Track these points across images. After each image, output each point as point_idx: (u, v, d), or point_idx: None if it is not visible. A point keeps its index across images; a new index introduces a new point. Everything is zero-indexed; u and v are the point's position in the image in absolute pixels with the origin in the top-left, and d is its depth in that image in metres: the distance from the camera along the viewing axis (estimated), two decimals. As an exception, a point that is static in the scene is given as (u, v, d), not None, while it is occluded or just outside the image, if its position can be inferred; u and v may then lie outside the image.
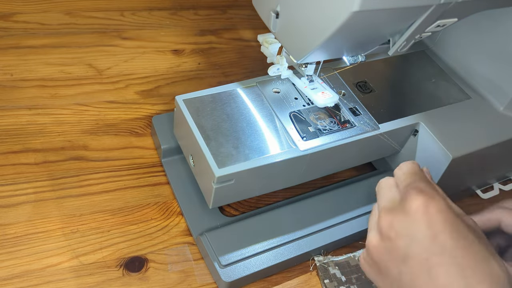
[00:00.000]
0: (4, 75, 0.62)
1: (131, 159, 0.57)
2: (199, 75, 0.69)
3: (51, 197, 0.52)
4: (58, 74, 0.64)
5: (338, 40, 0.43)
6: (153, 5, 0.77)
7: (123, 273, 0.48)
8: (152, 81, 0.66)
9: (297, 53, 0.47)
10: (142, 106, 0.63)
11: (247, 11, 0.80)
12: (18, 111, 0.59)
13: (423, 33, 0.47)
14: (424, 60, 0.65)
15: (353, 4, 0.37)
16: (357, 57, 0.50)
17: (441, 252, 0.37)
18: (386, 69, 0.62)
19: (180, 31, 0.74)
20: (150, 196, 0.55)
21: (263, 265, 0.49)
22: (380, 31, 0.45)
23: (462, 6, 0.44)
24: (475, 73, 0.62)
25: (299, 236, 0.51)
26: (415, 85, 0.61)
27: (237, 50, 0.73)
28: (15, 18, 0.70)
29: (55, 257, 0.48)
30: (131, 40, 0.71)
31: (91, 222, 0.51)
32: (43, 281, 0.46)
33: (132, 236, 0.51)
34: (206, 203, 0.50)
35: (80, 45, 0.68)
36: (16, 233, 0.49)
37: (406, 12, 0.41)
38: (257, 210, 0.55)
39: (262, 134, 0.49)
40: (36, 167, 0.54)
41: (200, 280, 0.49)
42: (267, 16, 0.47)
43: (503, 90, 0.59)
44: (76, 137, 0.58)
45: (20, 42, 0.67)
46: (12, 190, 0.52)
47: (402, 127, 0.54)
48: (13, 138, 0.56)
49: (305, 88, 0.53)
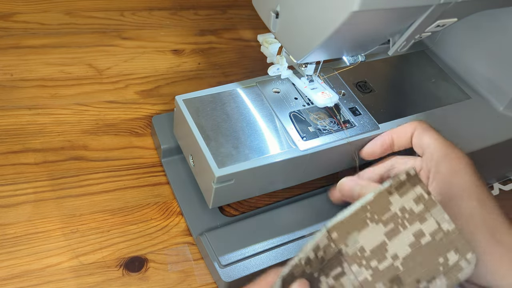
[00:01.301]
0: (4, 75, 0.62)
1: (131, 159, 0.57)
2: (199, 75, 0.69)
3: (51, 197, 0.52)
4: (58, 74, 0.64)
5: (338, 40, 0.43)
6: (153, 5, 0.77)
7: (123, 273, 0.48)
8: (152, 81, 0.66)
9: (297, 53, 0.47)
10: (142, 106, 0.63)
11: (247, 11, 0.80)
12: (18, 111, 0.59)
13: (423, 33, 0.47)
14: (424, 60, 0.65)
15: (353, 4, 0.37)
16: (357, 57, 0.50)
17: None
18: (386, 69, 0.62)
19: (180, 31, 0.74)
20: (150, 196, 0.55)
21: (263, 265, 0.49)
22: (380, 31, 0.45)
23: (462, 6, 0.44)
24: (475, 73, 0.62)
25: (299, 236, 0.51)
26: (415, 85, 0.61)
27: (237, 50, 0.73)
28: (15, 18, 0.70)
29: (55, 257, 0.48)
30: (131, 40, 0.71)
31: (91, 222, 0.51)
32: (43, 281, 0.46)
33: (132, 236, 0.51)
34: (206, 203, 0.50)
35: (80, 45, 0.68)
36: (16, 233, 0.49)
37: (406, 12, 0.41)
38: (257, 210, 0.55)
39: (262, 134, 0.49)
40: (36, 167, 0.54)
41: (200, 280, 0.49)
42: (267, 16, 0.47)
43: (503, 90, 0.59)
44: (76, 137, 0.58)
45: (20, 42, 0.67)
46: (12, 190, 0.52)
47: (402, 127, 0.54)
48: (13, 138, 0.56)
49: (305, 88, 0.53)
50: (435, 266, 0.36)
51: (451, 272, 0.36)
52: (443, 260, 0.36)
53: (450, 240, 0.36)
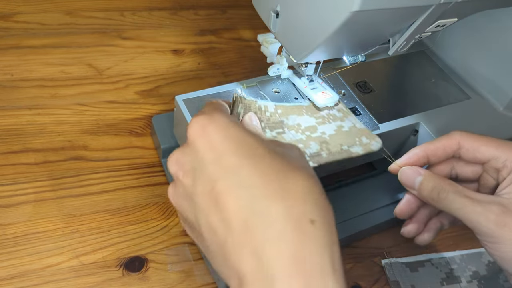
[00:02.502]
0: (4, 75, 0.62)
1: (131, 159, 0.57)
2: (199, 75, 0.69)
3: (51, 197, 0.52)
4: (58, 74, 0.64)
5: (338, 40, 0.43)
6: (153, 5, 0.77)
7: (123, 273, 0.48)
8: (152, 81, 0.66)
9: (297, 53, 0.47)
10: (142, 106, 0.63)
11: (247, 11, 0.80)
12: (18, 111, 0.59)
13: (423, 33, 0.47)
14: (424, 60, 0.65)
15: (353, 4, 0.37)
16: (357, 57, 0.50)
17: (225, 176, 0.31)
18: (386, 69, 0.62)
19: (180, 31, 0.74)
20: (150, 196, 0.55)
21: (263, 265, 0.49)
22: (380, 31, 0.45)
23: (462, 6, 0.44)
24: (475, 73, 0.62)
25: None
26: (415, 85, 0.61)
27: (237, 50, 0.73)
28: (15, 18, 0.70)
29: (55, 257, 0.48)
30: (131, 40, 0.71)
31: (91, 222, 0.51)
32: (43, 281, 0.46)
33: (132, 236, 0.51)
34: (206, 203, 0.50)
35: (80, 45, 0.68)
36: (16, 233, 0.49)
37: (406, 12, 0.41)
38: (257, 210, 0.55)
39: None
40: (36, 167, 0.54)
41: (200, 280, 0.49)
42: (267, 16, 0.47)
43: (503, 90, 0.59)
44: (76, 137, 0.58)
45: (20, 42, 0.67)
46: (12, 190, 0.52)
47: (402, 127, 0.54)
48: (13, 138, 0.56)
49: (305, 88, 0.53)
50: (352, 142, 0.48)
51: (364, 146, 0.48)
52: (358, 140, 0.48)
53: (362, 132, 0.49)
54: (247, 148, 0.32)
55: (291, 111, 0.50)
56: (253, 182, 0.31)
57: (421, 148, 0.45)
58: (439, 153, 0.44)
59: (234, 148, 0.32)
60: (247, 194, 0.31)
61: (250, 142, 0.33)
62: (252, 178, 0.31)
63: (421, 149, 0.45)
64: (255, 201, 0.30)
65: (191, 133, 0.34)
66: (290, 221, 0.30)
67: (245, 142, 0.33)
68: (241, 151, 0.32)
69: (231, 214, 0.31)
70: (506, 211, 0.39)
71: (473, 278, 0.53)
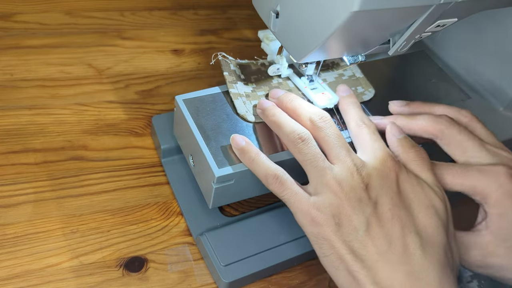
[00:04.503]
0: (4, 75, 0.62)
1: (130, 159, 0.57)
2: (199, 75, 0.69)
3: (51, 197, 0.52)
4: (58, 74, 0.64)
5: (338, 40, 0.43)
6: (153, 5, 0.77)
7: (123, 273, 0.48)
8: (152, 81, 0.66)
9: (297, 53, 0.47)
10: (142, 106, 0.63)
11: (247, 11, 0.80)
12: (18, 111, 0.59)
13: (423, 33, 0.47)
14: (424, 60, 0.65)
15: (353, 4, 0.37)
16: (357, 57, 0.50)
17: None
18: (386, 69, 0.62)
19: (180, 31, 0.74)
20: (150, 196, 0.55)
21: (263, 265, 0.49)
22: (380, 31, 0.45)
23: (462, 6, 0.44)
24: (475, 73, 0.62)
25: (299, 236, 0.51)
26: (415, 85, 0.61)
27: (237, 50, 0.73)
28: (15, 18, 0.70)
29: (55, 257, 0.48)
30: (131, 40, 0.71)
31: (91, 222, 0.51)
32: (43, 281, 0.46)
33: (132, 236, 0.51)
34: (206, 203, 0.50)
35: (80, 45, 0.68)
36: (16, 233, 0.49)
37: (406, 12, 0.41)
38: (257, 210, 0.55)
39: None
40: (36, 167, 0.54)
41: (200, 280, 0.49)
42: (267, 16, 0.47)
43: (503, 90, 0.59)
44: (76, 137, 0.58)
45: (20, 42, 0.67)
46: (12, 190, 0.52)
47: (402, 127, 0.54)
48: (13, 138, 0.56)
49: (305, 88, 0.53)
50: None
51: (359, 96, 0.54)
52: (354, 90, 0.55)
53: (359, 81, 0.56)
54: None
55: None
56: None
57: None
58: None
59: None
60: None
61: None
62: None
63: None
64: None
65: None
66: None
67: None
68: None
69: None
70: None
71: (473, 278, 0.53)
